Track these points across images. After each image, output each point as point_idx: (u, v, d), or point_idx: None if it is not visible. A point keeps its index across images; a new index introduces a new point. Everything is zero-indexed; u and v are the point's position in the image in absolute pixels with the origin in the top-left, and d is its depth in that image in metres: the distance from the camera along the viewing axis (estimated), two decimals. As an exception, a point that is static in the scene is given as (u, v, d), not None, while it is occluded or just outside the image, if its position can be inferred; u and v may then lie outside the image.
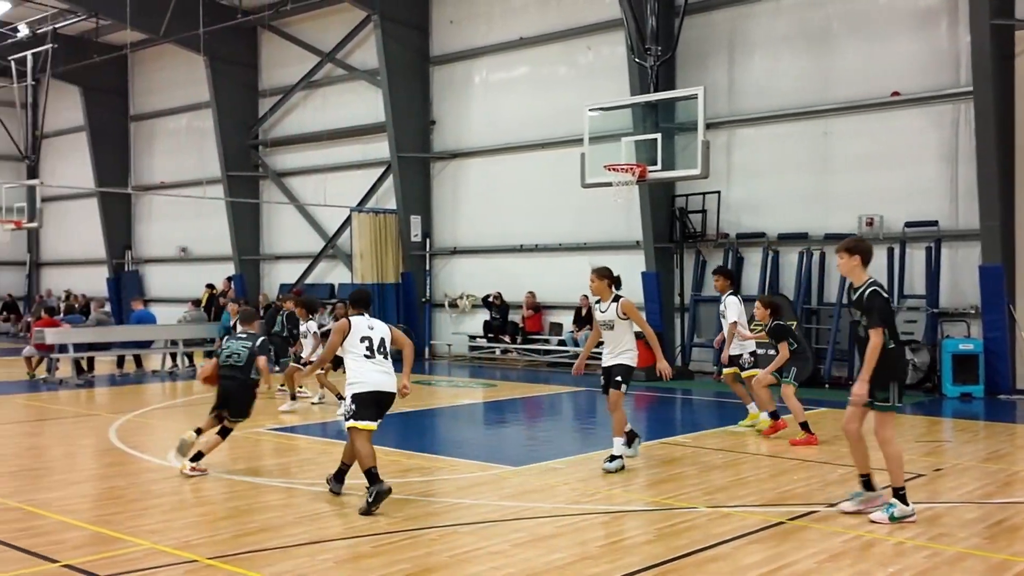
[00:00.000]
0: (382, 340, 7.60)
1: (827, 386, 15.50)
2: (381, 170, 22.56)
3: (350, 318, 7.66)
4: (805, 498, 7.64)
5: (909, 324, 14.87)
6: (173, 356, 18.52)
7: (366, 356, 7.49)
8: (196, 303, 20.55)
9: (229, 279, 24.88)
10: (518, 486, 8.18)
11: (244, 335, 8.91)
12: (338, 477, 7.76)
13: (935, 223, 15.00)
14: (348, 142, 23.38)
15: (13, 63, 26.75)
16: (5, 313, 30.72)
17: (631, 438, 9.08)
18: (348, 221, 22.17)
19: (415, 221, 21.80)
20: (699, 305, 17.67)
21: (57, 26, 26.12)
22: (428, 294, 22.02)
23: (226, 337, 9.23)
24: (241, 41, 25.04)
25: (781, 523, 6.80)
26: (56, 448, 10.09)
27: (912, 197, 15.29)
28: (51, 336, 16.12)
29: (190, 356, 18.74)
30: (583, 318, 18.91)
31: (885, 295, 6.93)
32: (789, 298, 16.32)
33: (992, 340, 14.14)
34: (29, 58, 26.32)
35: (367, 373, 7.45)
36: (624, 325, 8.90)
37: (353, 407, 7.36)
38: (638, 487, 8.17)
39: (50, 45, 25.95)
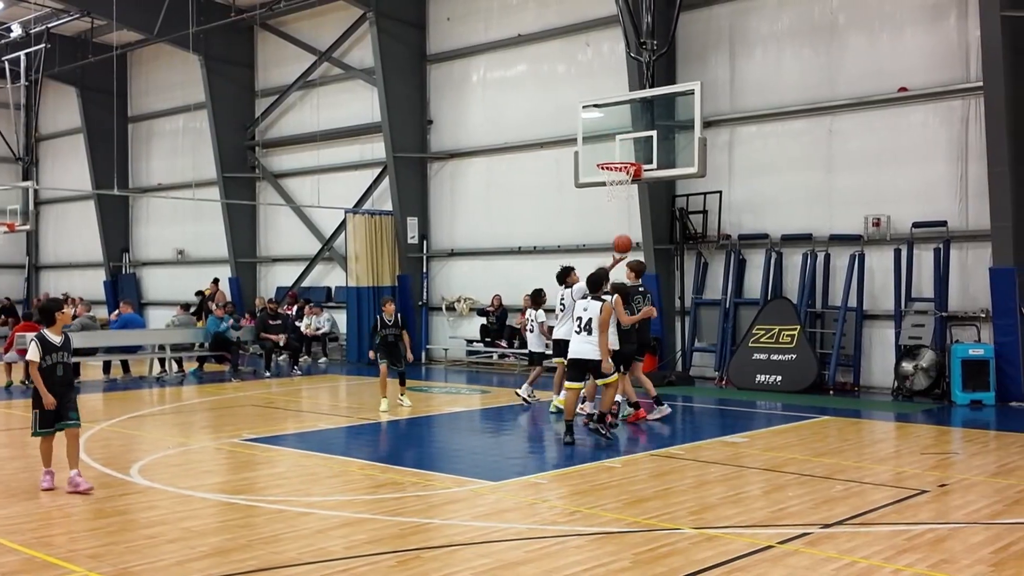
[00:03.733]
0: (590, 320, 10.22)
1: (831, 392, 14.95)
2: (378, 171, 22.14)
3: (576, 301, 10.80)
4: (799, 517, 7.12)
5: (916, 328, 14.31)
6: (162, 361, 18.12)
7: (576, 332, 10.34)
8: (185, 307, 20.15)
9: (215, 281, 24.48)
10: (494, 504, 7.69)
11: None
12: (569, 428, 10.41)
13: (944, 223, 14.45)
14: (345, 142, 22.96)
15: (7, 63, 26.43)
16: (3, 317, 30.36)
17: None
18: (344, 223, 21.74)
19: (412, 223, 21.35)
20: (700, 308, 17.15)
21: (51, 26, 25.81)
22: (425, 297, 21.57)
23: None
24: (237, 40, 24.67)
25: (770, 547, 6.29)
26: (16, 460, 9.66)
27: (920, 196, 14.75)
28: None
29: (179, 361, 18.33)
30: (582, 322, 18.38)
31: None
32: (792, 301, 15.79)
33: (1003, 345, 13.57)
34: (23, 58, 25.99)
35: (573, 344, 10.38)
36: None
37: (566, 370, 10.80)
38: (622, 505, 7.67)
39: (43, 45, 25.64)
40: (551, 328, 13.42)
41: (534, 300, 14.34)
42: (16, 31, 25.29)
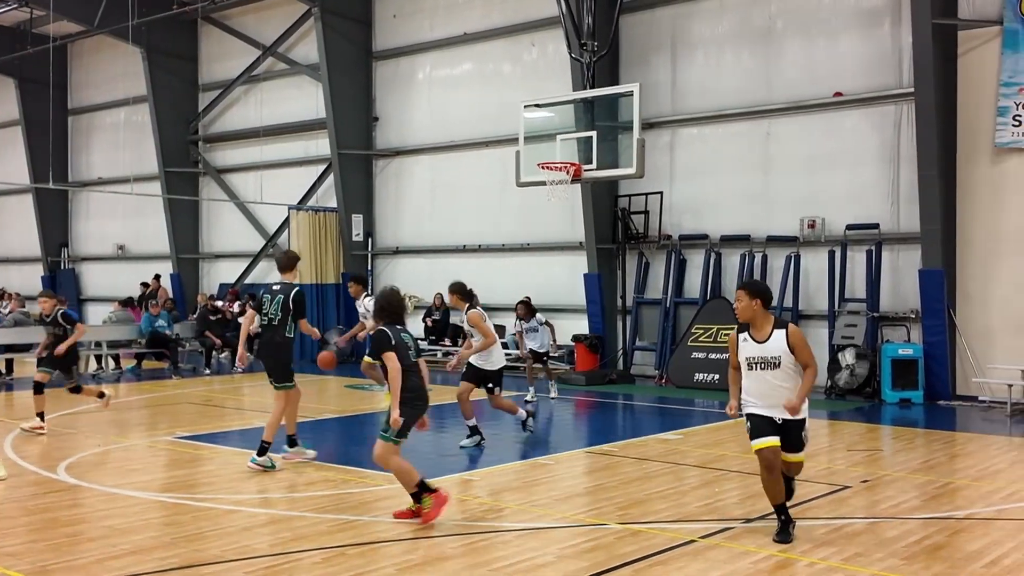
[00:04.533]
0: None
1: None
2: (323, 167, 22.00)
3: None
4: (722, 513, 7.27)
5: (849, 328, 14.62)
6: (99, 358, 17.83)
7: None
8: (123, 303, 19.85)
9: (156, 277, 24.13)
10: (424, 501, 7.70)
11: None
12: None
13: (876, 226, 14.77)
14: (290, 138, 22.78)
15: (-60, 53, 25.83)
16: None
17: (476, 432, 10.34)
18: (288, 219, 21.57)
19: (357, 220, 21.26)
20: (641, 308, 17.33)
21: (-13, 15, 25.25)
22: (369, 294, 21.44)
23: None
24: (180, 33, 24.31)
25: (692, 541, 6.41)
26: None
27: (854, 199, 15.06)
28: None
29: (116, 358, 18.06)
30: (525, 320, 18.48)
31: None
32: (731, 301, 16.01)
33: (932, 345, 13.93)
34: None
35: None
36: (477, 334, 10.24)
37: None
38: (551, 501, 7.74)
39: (-20, 35, 25.07)
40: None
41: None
42: (-50, 20, 24.68)
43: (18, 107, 27.83)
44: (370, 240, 21.49)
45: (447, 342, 19.52)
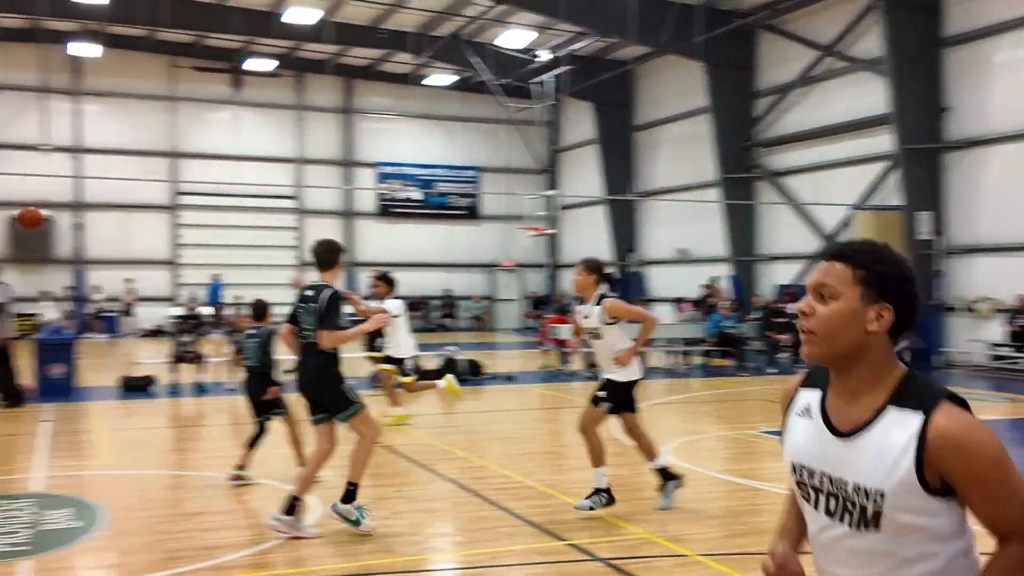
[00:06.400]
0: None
1: None
2: (883, 164, 21.26)
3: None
4: None
5: None
6: (674, 353, 19.29)
7: None
8: (694, 303, 21.16)
9: (715, 280, 25.21)
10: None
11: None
12: None
13: None
14: (845, 137, 22.40)
15: (531, 86, 29.90)
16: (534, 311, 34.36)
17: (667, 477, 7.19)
18: (847, 220, 21.23)
19: (923, 217, 20.16)
20: None
21: (572, 49, 28.66)
22: (940, 296, 20.22)
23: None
24: (737, 44, 25.25)
25: None
26: (568, 435, 11.00)
27: None
28: (562, 331, 17.76)
29: (686, 354, 19.36)
30: None
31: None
32: None
33: None
34: (548, 80, 29.20)
35: None
36: (613, 332, 7.01)
37: None
38: None
39: (568, 67, 28.53)
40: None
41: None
42: (543, 56, 28.51)
43: (594, 128, 31.20)
44: (940, 238, 20.23)
45: (1033, 349, 17.65)
